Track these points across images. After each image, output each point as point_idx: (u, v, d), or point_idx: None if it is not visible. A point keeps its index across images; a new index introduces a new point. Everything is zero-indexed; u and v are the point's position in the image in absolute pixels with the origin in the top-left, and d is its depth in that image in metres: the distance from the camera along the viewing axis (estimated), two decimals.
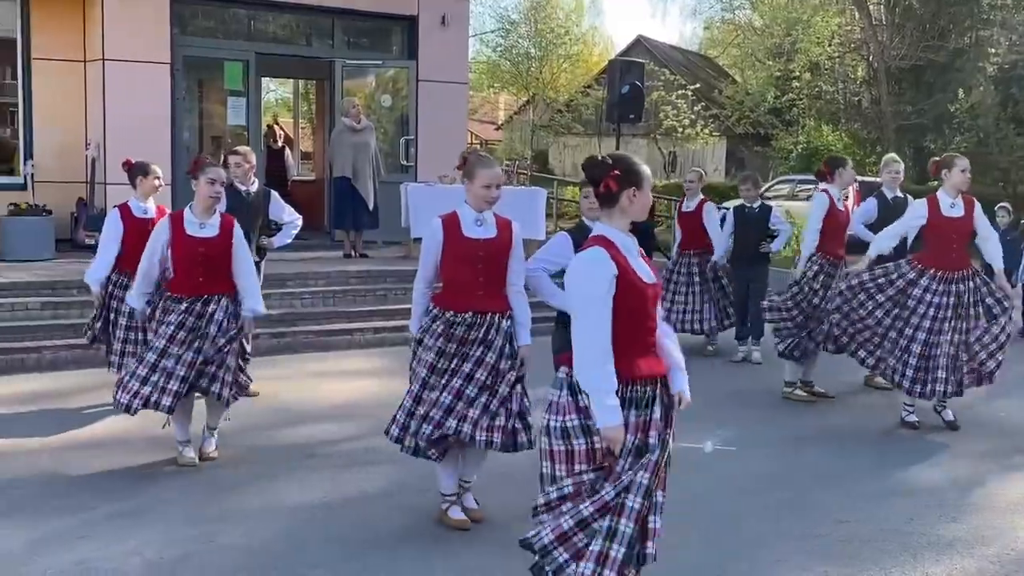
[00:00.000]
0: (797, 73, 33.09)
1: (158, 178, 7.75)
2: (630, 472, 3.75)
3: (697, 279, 10.70)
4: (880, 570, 5.09)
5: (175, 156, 13.75)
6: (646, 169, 3.94)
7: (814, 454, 7.23)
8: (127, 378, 6.33)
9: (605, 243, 3.82)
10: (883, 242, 8.12)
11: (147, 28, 13.32)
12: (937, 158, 8.09)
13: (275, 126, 18.55)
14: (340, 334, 10.87)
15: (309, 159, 24.62)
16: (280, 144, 17.72)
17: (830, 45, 33.50)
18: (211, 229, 6.46)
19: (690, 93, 32.82)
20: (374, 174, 13.46)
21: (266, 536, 5.35)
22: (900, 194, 9.09)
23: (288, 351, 10.33)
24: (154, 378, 6.23)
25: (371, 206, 13.42)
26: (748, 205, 10.58)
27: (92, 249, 12.69)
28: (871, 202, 9.14)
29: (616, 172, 3.84)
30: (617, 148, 15.92)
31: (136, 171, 7.69)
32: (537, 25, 41.01)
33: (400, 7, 15.44)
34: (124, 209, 7.61)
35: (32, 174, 13.17)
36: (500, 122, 46.07)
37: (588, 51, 45.01)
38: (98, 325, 7.67)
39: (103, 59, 13.13)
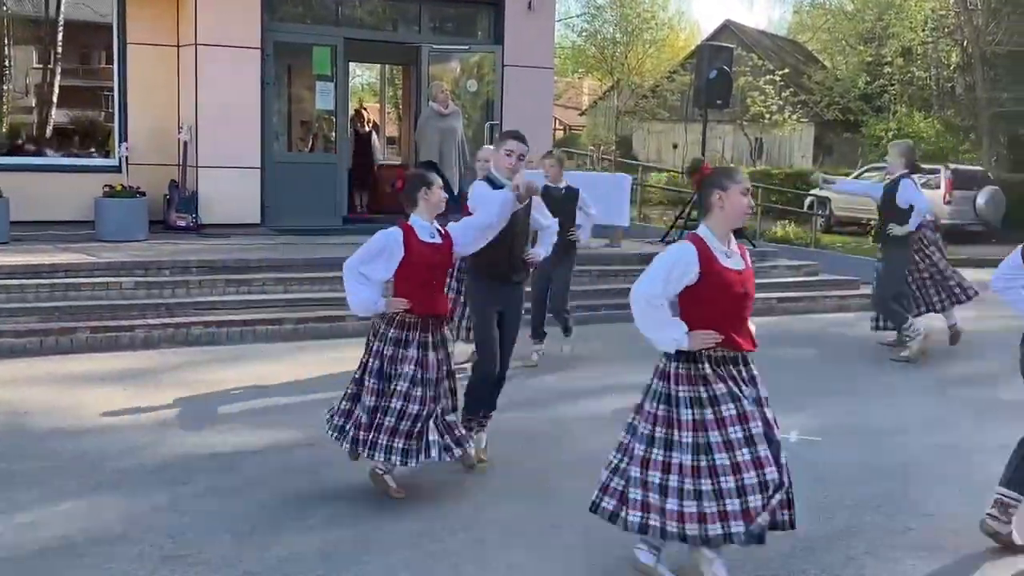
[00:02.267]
0: (889, 58, 32.49)
1: (441, 187, 5.80)
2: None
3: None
4: (972, 565, 5.00)
5: (264, 140, 13.97)
6: None
7: (899, 446, 7.11)
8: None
9: None
10: None
11: (238, 14, 13.54)
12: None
13: (363, 110, 18.70)
14: None
15: (394, 144, 24.78)
16: (368, 129, 17.87)
17: (923, 30, 32.81)
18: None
19: (778, 78, 32.38)
20: (460, 159, 13.51)
21: (359, 515, 5.42)
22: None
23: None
24: None
25: (456, 191, 13.46)
26: (551, 185, 8.95)
27: (183, 231, 13.14)
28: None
29: None
30: (703, 134, 15.78)
31: (416, 184, 5.71)
32: (623, 10, 40.73)
33: None
34: (408, 230, 5.62)
35: (126, 156, 13.46)
36: (584, 107, 45.90)
37: (674, 36, 44.65)
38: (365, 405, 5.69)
39: (196, 44, 13.37)
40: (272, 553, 4.88)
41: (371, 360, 5.64)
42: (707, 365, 4.39)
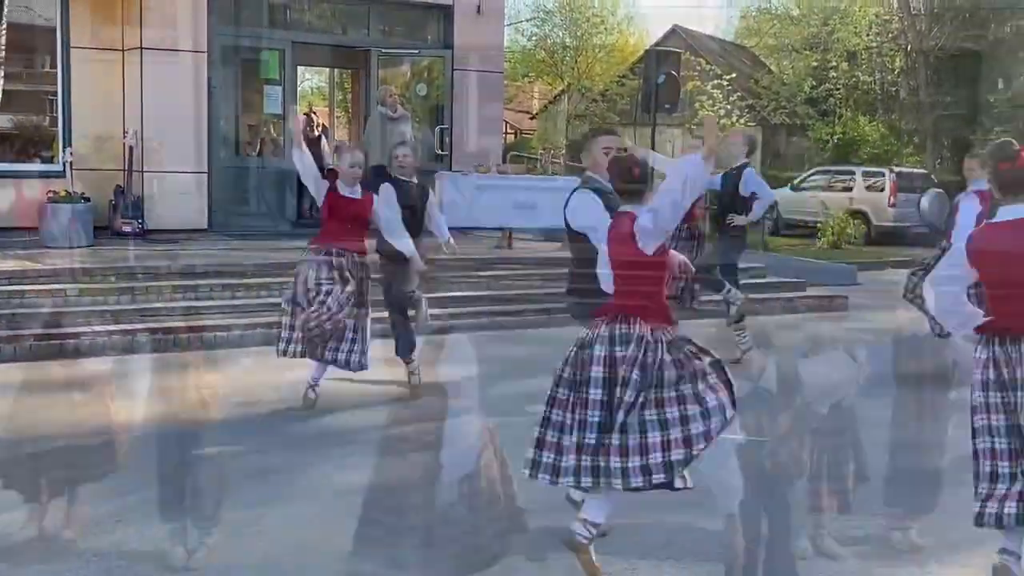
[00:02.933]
0: (834, 63, 32.85)
1: None
2: None
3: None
4: (917, 566, 5.04)
5: (211, 145, 13.85)
6: None
7: (848, 445, 7.16)
8: None
9: None
10: None
11: (185, 17, 13.42)
12: None
13: (312, 114, 18.61)
14: (373, 322, 10.86)
15: None
16: (317, 133, 17.79)
17: (867, 34, 33.22)
18: None
19: (726, 83, 32.64)
20: None
21: (305, 521, 5.39)
22: None
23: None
24: None
25: None
26: (404, 178, 8.45)
27: (129, 236, 12.97)
28: None
29: None
30: (652, 138, 15.86)
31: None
32: (572, 14, 40.84)
33: None
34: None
35: (71, 162, 13.27)
36: (535, 111, 45.95)
37: (624, 41, 44.77)
38: None
39: (141, 48, 13.23)
40: (219, 561, 4.84)
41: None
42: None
